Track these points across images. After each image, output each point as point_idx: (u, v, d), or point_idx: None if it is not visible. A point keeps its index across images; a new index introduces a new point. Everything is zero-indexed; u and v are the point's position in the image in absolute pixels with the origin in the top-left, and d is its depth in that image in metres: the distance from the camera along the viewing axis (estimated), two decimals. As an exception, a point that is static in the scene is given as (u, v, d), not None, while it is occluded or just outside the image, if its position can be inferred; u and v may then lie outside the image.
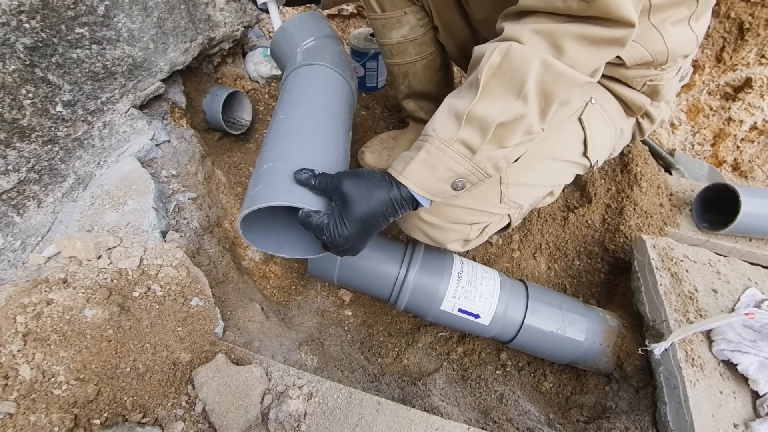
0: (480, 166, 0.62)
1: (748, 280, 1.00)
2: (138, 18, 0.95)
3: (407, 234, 0.89)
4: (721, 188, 1.16)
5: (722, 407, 0.79)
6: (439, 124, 0.62)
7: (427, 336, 1.12)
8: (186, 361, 0.75)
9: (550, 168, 0.85)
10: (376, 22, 1.00)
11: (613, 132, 0.89)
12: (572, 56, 0.55)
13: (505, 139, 0.59)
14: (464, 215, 0.82)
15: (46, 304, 0.73)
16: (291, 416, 0.70)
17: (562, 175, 0.89)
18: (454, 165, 0.61)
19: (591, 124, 0.82)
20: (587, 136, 0.82)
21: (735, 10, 1.51)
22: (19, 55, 0.77)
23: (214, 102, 1.29)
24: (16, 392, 0.64)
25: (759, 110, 1.64)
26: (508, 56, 0.56)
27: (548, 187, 0.90)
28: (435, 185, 0.64)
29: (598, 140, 0.85)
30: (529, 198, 0.87)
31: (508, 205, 0.83)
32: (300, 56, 0.91)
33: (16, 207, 0.85)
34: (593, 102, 0.83)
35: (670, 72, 0.81)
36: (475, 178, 0.64)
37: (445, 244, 0.87)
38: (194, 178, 1.13)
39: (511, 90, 0.57)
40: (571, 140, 0.84)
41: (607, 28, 0.54)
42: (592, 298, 1.16)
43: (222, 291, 0.95)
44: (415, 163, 0.62)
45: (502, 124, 0.57)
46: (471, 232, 0.85)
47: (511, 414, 0.94)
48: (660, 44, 0.73)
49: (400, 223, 0.88)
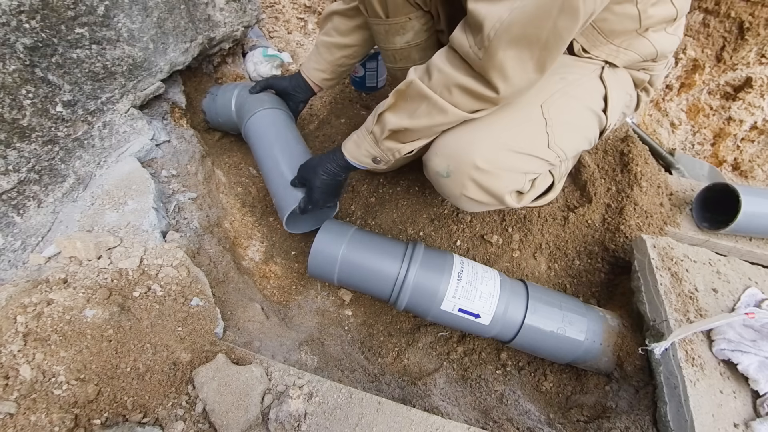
0: (384, 152, 0.87)
1: (749, 280, 1.00)
2: (138, 18, 0.95)
3: (456, 199, 0.89)
4: (721, 188, 1.16)
5: (722, 407, 0.79)
6: (369, 118, 0.87)
7: (427, 336, 1.12)
8: (186, 361, 0.75)
9: (582, 113, 0.87)
10: (380, 27, 1.01)
11: (624, 97, 0.93)
12: (456, 99, 0.74)
13: (400, 138, 0.84)
14: (517, 161, 0.82)
15: (47, 304, 0.73)
16: (291, 416, 0.70)
17: (591, 123, 0.90)
18: (369, 148, 0.88)
19: (610, 83, 0.87)
20: (608, 93, 0.87)
21: (735, 9, 1.51)
22: (19, 55, 0.77)
23: (215, 102, 1.29)
24: (16, 392, 0.64)
25: (759, 110, 1.64)
26: (410, 87, 0.77)
27: (582, 133, 0.90)
28: (360, 158, 0.91)
29: (615, 99, 0.89)
30: (569, 145, 0.87)
31: (554, 150, 0.84)
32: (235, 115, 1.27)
33: (17, 207, 0.85)
34: (608, 66, 0.89)
35: (661, 65, 0.94)
36: (385, 158, 0.89)
37: (502, 195, 0.85)
38: (194, 178, 1.13)
39: (407, 111, 0.79)
40: (595, 93, 0.88)
41: (483, 86, 0.71)
42: (593, 297, 1.16)
43: (222, 291, 0.95)
44: (351, 140, 0.92)
45: (395, 130, 0.81)
46: (524, 182, 0.86)
47: (512, 414, 0.94)
48: (649, 47, 0.85)
49: (446, 188, 0.88)
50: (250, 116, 1.20)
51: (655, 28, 0.83)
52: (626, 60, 0.87)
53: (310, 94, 1.26)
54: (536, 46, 0.64)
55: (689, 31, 1.63)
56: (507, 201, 0.87)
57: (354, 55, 1.17)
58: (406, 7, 0.95)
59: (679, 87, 1.75)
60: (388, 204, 1.29)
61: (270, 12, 1.89)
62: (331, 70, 1.19)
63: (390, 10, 0.96)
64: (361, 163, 0.92)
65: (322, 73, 1.20)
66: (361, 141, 0.89)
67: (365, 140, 0.88)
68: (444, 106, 0.75)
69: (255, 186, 1.33)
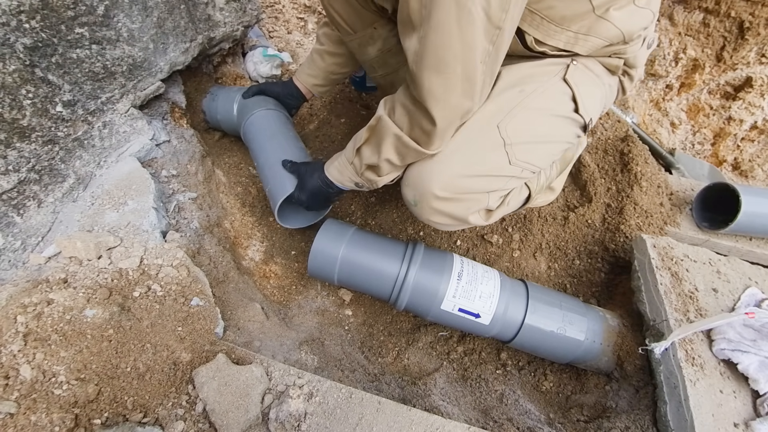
0: (365, 181, 0.91)
1: (749, 280, 1.00)
2: (138, 18, 0.95)
3: (427, 222, 0.89)
4: (721, 187, 1.16)
5: (722, 406, 0.79)
6: (349, 147, 0.90)
7: (428, 335, 1.12)
8: (186, 360, 0.75)
9: (546, 123, 0.85)
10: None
11: (601, 88, 0.91)
12: (417, 136, 0.76)
13: (377, 171, 0.87)
14: (475, 184, 0.82)
15: (47, 304, 0.73)
16: (291, 416, 0.70)
17: (561, 129, 0.88)
18: (351, 175, 0.92)
19: (577, 82, 0.85)
20: (575, 94, 0.85)
21: (735, 9, 1.51)
22: (19, 55, 0.77)
23: (215, 102, 1.29)
24: (16, 392, 0.64)
25: (759, 109, 1.64)
26: (379, 122, 0.80)
27: (551, 142, 0.88)
28: (344, 182, 0.95)
29: (588, 97, 0.86)
30: (538, 157, 0.86)
31: (519, 166, 0.83)
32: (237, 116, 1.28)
33: (17, 207, 0.85)
34: (575, 63, 0.86)
35: (635, 45, 0.87)
36: (367, 185, 0.93)
37: (466, 218, 0.86)
38: (194, 178, 1.13)
39: (376, 145, 0.82)
40: (560, 97, 0.85)
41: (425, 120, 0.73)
42: (593, 297, 1.16)
43: (222, 291, 0.95)
44: (333, 166, 0.95)
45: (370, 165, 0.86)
46: (489, 200, 0.85)
47: (512, 413, 0.94)
48: (612, 30, 0.79)
49: (416, 214, 0.89)
50: (248, 116, 1.22)
51: (618, 5, 0.76)
52: (589, 47, 0.82)
53: (301, 100, 1.29)
54: (455, 64, 0.64)
55: (689, 30, 1.63)
56: (472, 221, 0.87)
57: (344, 64, 1.20)
58: (369, 17, 0.97)
59: (679, 87, 1.75)
60: (388, 204, 1.29)
61: (270, 12, 1.89)
62: (322, 76, 1.22)
63: (355, 24, 0.99)
64: (345, 186, 0.96)
65: (313, 79, 1.23)
66: (344, 169, 0.92)
67: (347, 169, 0.91)
68: (407, 142, 0.77)
69: (255, 186, 1.33)
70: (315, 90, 1.25)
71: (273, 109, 1.24)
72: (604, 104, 0.96)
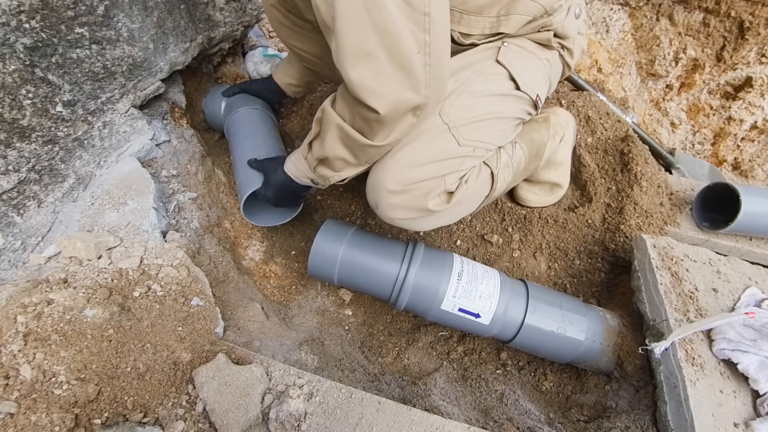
0: (319, 177, 0.90)
1: (749, 280, 1.00)
2: (138, 18, 0.95)
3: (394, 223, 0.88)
4: (721, 187, 1.16)
5: (722, 406, 0.79)
6: (303, 143, 0.90)
7: (428, 335, 1.12)
8: (186, 360, 0.75)
9: (488, 102, 0.86)
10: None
11: (539, 64, 0.91)
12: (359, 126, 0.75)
13: (328, 166, 0.86)
14: (425, 170, 0.81)
15: (47, 304, 0.73)
16: (291, 416, 0.70)
17: (505, 106, 0.88)
18: (305, 171, 0.91)
19: (511, 62, 0.86)
20: (511, 72, 0.86)
21: (735, 9, 1.51)
22: (19, 55, 0.77)
23: (213, 101, 1.29)
24: (16, 392, 0.64)
25: (759, 109, 1.64)
26: (324, 114, 0.80)
27: (498, 118, 0.88)
28: (300, 178, 0.94)
29: (526, 74, 0.87)
30: (487, 135, 0.86)
31: (469, 145, 0.83)
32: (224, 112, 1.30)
33: (17, 207, 0.85)
34: (506, 44, 0.87)
35: (559, 15, 0.89)
36: (322, 182, 0.92)
37: (425, 206, 0.84)
38: (194, 177, 1.13)
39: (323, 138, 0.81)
40: (497, 78, 0.86)
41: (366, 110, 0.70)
42: (593, 297, 1.16)
43: (222, 291, 0.95)
44: (291, 161, 0.95)
45: (321, 159, 0.85)
46: (446, 183, 0.84)
47: (512, 413, 0.94)
48: (530, 5, 0.82)
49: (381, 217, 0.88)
50: (231, 114, 1.24)
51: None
52: (513, 26, 0.84)
53: (282, 97, 1.31)
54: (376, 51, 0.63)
55: (689, 30, 1.63)
56: (432, 207, 0.84)
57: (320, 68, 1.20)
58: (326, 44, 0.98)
59: (679, 87, 1.75)
60: (388, 204, 1.28)
61: (270, 12, 1.89)
62: (297, 77, 1.25)
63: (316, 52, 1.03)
64: (303, 182, 0.95)
65: (289, 79, 1.26)
66: (299, 164, 0.92)
67: (302, 164, 0.91)
68: (351, 133, 0.75)
69: (255, 186, 1.33)
70: (289, 90, 1.28)
71: (256, 108, 1.25)
72: (549, 80, 0.97)
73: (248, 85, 1.29)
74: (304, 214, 1.27)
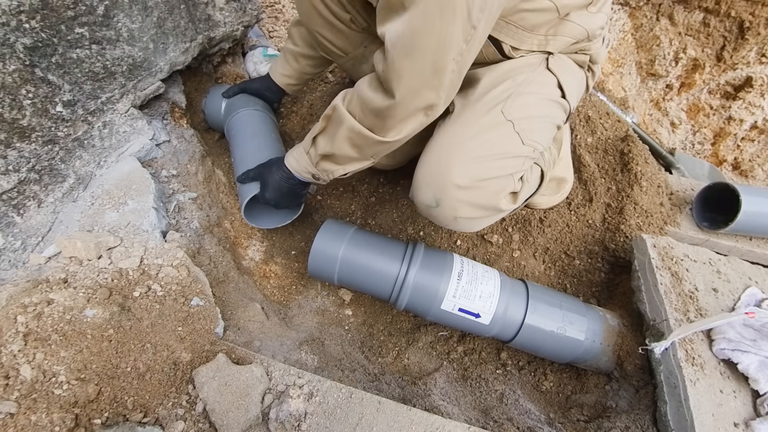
0: (321, 172, 0.91)
1: (749, 279, 1.00)
2: (138, 18, 0.95)
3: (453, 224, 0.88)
4: (721, 187, 1.16)
5: (722, 406, 0.79)
6: (306, 138, 0.90)
7: (428, 335, 1.12)
8: (186, 360, 0.75)
9: (542, 105, 0.89)
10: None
11: (576, 79, 0.95)
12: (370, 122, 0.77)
13: (333, 161, 0.87)
14: (496, 166, 0.83)
15: (47, 304, 0.73)
16: (291, 416, 0.70)
17: (554, 111, 0.92)
18: (307, 166, 0.92)
19: (559, 71, 0.90)
20: (560, 81, 0.89)
21: (735, 9, 1.51)
22: (19, 55, 0.77)
23: (214, 101, 1.29)
24: (17, 392, 0.64)
25: (759, 109, 1.64)
26: (335, 112, 0.81)
27: (549, 122, 0.91)
28: (301, 173, 0.94)
29: (569, 85, 0.91)
30: (542, 136, 0.88)
31: (530, 146, 0.85)
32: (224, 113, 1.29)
33: (17, 207, 0.85)
34: (553, 56, 0.90)
35: (597, 42, 0.95)
36: (323, 177, 0.92)
37: (497, 204, 0.85)
38: (194, 177, 1.13)
39: (331, 136, 0.83)
40: (548, 84, 0.90)
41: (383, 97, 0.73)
42: (593, 297, 1.16)
43: (222, 291, 0.95)
44: (292, 156, 0.95)
45: (325, 154, 0.87)
46: (513, 182, 0.86)
47: (512, 413, 0.94)
48: (576, 28, 0.86)
49: (439, 217, 0.87)
50: (232, 116, 1.24)
51: (576, 12, 0.84)
52: (559, 45, 0.88)
53: (281, 95, 1.31)
54: (428, 53, 0.66)
55: (689, 30, 1.63)
56: (502, 206, 0.86)
57: (318, 65, 1.22)
58: (357, 38, 1.00)
59: (679, 86, 1.75)
60: (388, 204, 1.29)
61: (270, 12, 1.89)
62: (296, 77, 1.25)
63: (345, 47, 1.02)
64: (303, 177, 0.95)
65: (288, 79, 1.26)
66: (300, 158, 0.92)
67: (303, 158, 0.91)
68: (360, 131, 0.77)
69: (255, 186, 1.33)
70: (289, 89, 1.28)
71: (256, 110, 1.25)
72: (579, 96, 1.00)
73: (248, 85, 1.30)
74: (304, 214, 1.27)
